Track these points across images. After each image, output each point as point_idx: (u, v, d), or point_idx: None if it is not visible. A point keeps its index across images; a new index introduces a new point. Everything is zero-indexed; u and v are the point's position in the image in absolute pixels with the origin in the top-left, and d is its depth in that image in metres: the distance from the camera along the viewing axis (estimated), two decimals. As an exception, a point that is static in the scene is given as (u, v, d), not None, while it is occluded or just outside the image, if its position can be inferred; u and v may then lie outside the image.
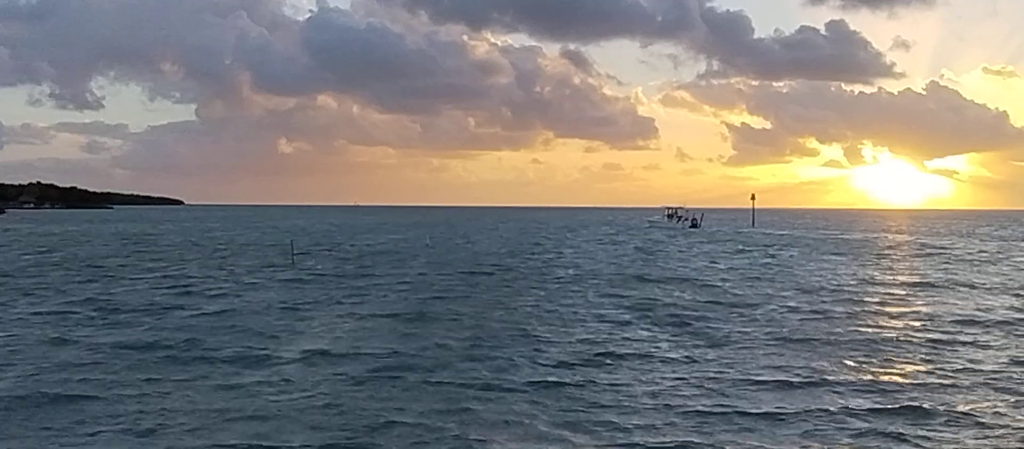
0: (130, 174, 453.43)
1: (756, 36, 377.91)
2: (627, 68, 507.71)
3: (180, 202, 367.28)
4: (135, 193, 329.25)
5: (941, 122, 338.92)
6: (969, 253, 49.61)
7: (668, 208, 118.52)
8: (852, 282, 29.84)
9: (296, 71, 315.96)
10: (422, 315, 20.13)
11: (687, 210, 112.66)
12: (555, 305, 22.40)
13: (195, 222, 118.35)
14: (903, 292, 26.69)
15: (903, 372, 13.83)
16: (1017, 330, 18.36)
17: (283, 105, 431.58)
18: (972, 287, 28.06)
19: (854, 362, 14.53)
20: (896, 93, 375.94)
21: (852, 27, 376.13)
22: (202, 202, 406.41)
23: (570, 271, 34.25)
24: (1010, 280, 30.87)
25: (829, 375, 13.39)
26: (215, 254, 45.55)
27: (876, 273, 34.42)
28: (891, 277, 32.46)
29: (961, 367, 14.13)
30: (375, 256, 44.00)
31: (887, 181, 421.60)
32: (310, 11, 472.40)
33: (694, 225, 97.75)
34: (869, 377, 13.37)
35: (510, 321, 19.29)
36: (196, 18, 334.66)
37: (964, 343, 16.58)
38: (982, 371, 13.78)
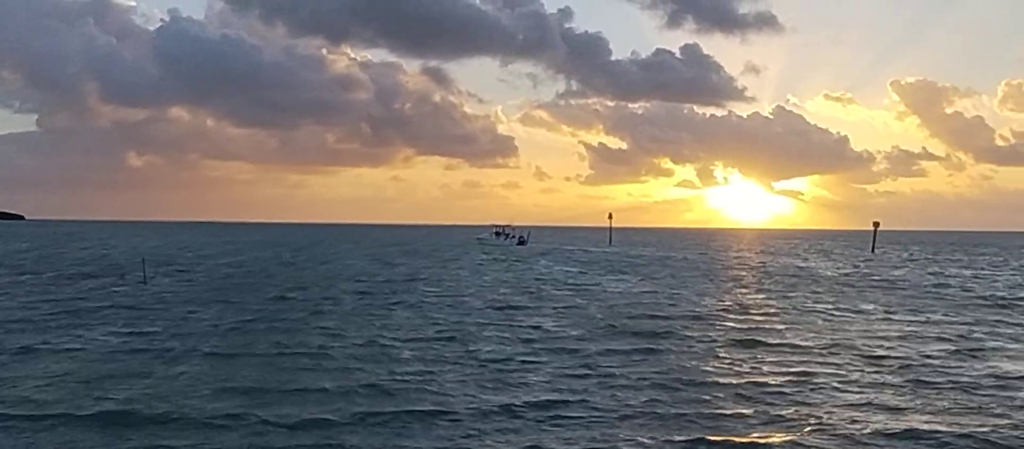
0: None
1: (614, 58, 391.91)
2: (487, 86, 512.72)
3: (20, 217, 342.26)
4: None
5: (787, 145, 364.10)
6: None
7: (496, 226, 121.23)
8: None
9: (146, 82, 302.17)
10: (259, 350, 19.90)
11: (514, 228, 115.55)
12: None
13: (37, 239, 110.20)
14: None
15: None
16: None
17: (133, 117, 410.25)
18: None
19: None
20: (746, 116, 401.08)
21: (706, 51, 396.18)
22: (45, 217, 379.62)
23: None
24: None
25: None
26: (52, 276, 42.94)
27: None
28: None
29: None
30: (225, 278, 42.89)
31: (737, 201, 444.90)
32: (162, 20, 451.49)
33: (521, 242, 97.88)
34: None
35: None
36: (38, 23, 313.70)
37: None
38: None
